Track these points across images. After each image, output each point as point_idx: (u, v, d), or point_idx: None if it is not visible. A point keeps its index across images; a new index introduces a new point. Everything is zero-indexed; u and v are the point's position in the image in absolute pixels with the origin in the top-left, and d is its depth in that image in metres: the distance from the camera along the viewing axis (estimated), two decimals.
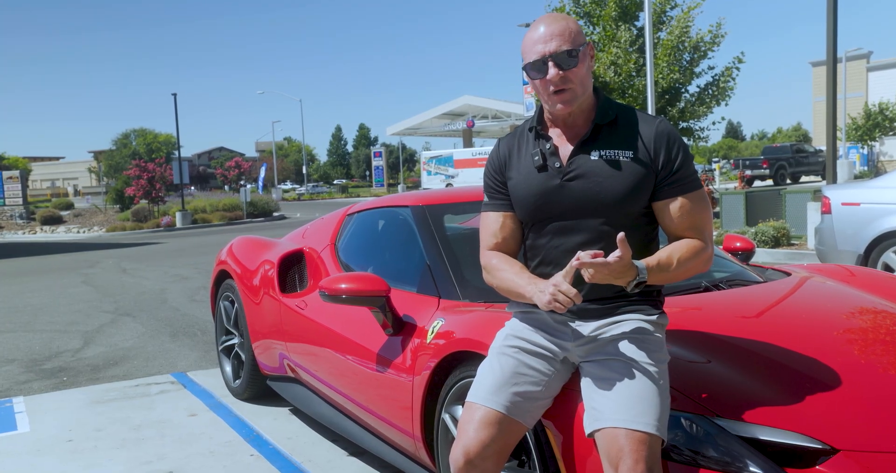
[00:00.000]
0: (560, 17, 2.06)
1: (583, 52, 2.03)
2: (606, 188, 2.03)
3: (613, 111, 2.10)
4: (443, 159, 41.20)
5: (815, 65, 50.70)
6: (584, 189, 2.05)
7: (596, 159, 2.05)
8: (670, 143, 2.05)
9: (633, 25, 16.58)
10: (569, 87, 2.02)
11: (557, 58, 2.00)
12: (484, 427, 2.00)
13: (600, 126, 2.08)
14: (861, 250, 6.88)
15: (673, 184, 2.05)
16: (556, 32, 2.01)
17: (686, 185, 2.06)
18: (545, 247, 2.13)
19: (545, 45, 2.01)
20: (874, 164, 36.96)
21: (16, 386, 5.21)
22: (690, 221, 2.07)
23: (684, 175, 2.06)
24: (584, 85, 2.05)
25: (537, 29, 2.04)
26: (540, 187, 2.09)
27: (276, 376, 4.18)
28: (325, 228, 4.25)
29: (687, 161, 2.08)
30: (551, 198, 2.08)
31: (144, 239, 21.54)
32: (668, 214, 2.07)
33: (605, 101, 2.12)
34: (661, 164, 2.04)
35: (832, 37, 11.05)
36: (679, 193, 2.06)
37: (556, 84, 2.01)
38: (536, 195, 2.10)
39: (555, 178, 2.08)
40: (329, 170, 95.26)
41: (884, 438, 1.95)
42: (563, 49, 2.00)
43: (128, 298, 9.24)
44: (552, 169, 2.09)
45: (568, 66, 2.01)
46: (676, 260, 2.00)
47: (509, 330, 2.18)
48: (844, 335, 2.52)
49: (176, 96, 28.15)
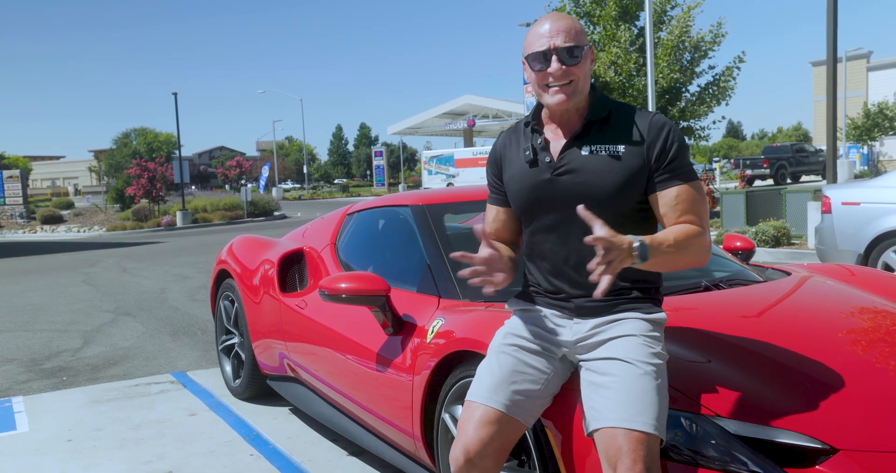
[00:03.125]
0: (564, 15, 2.10)
1: (585, 51, 2.07)
2: (597, 183, 2.04)
3: (607, 108, 2.12)
4: (444, 158, 41.17)
5: (816, 64, 50.71)
6: (575, 184, 2.06)
7: (587, 154, 2.07)
8: (665, 133, 2.05)
9: (633, 25, 16.59)
10: (570, 82, 2.05)
11: (562, 52, 2.03)
12: (484, 425, 2.00)
13: (593, 122, 2.10)
14: (861, 249, 6.88)
15: (669, 173, 2.04)
16: (562, 28, 2.05)
17: (682, 175, 2.05)
18: (539, 242, 2.16)
19: (551, 39, 2.04)
20: (874, 164, 36.93)
21: (15, 385, 5.21)
22: (687, 209, 2.02)
23: (680, 165, 2.05)
24: (585, 82, 2.08)
25: (543, 24, 2.08)
26: (531, 181, 2.12)
27: (276, 375, 4.18)
28: (325, 228, 4.25)
29: (682, 151, 2.06)
30: (542, 192, 2.11)
31: (145, 239, 21.54)
32: (665, 203, 2.04)
33: (599, 99, 2.14)
34: (655, 154, 2.04)
35: (832, 36, 11.05)
36: (675, 182, 2.03)
37: (556, 77, 2.04)
38: (527, 189, 2.13)
39: (545, 173, 2.10)
40: (330, 170, 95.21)
41: (884, 438, 1.95)
42: (568, 45, 2.03)
43: (128, 298, 9.24)
44: (542, 163, 2.11)
45: (571, 62, 2.04)
46: (674, 238, 1.92)
47: (508, 329, 2.18)
48: (844, 334, 2.52)
49: (177, 95, 28.16)
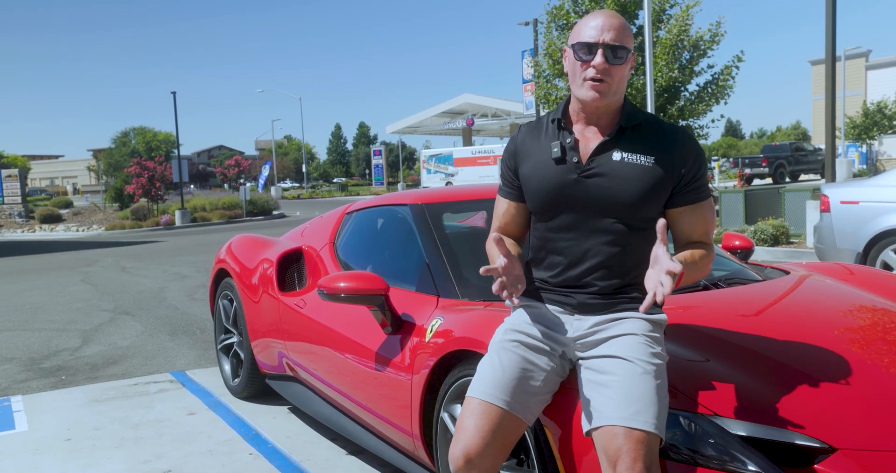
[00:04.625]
0: (619, 15, 2.10)
1: (629, 55, 2.07)
2: (624, 189, 2.06)
3: (639, 117, 2.14)
4: (442, 157, 41.14)
5: (815, 63, 50.71)
6: (602, 188, 2.07)
7: (618, 160, 2.08)
8: (695, 151, 2.11)
9: (632, 24, 16.57)
10: (608, 80, 2.04)
11: (609, 49, 2.03)
12: (484, 422, 2.00)
13: (625, 128, 2.11)
14: (860, 248, 6.88)
15: (692, 191, 2.11)
16: (616, 26, 2.05)
17: (703, 193, 2.14)
18: (551, 239, 2.16)
19: (602, 33, 2.04)
20: (873, 163, 36.93)
21: (14, 384, 5.21)
22: (705, 228, 2.15)
23: (702, 184, 2.13)
24: (620, 85, 2.08)
25: (597, 17, 2.07)
26: (556, 179, 2.11)
27: (275, 375, 4.18)
28: (324, 227, 4.25)
29: (704, 170, 2.14)
30: (566, 191, 2.10)
31: (143, 238, 21.53)
32: (686, 220, 2.13)
33: (634, 108, 2.16)
34: (683, 171, 2.09)
35: (831, 35, 11.05)
36: (698, 199, 2.13)
37: (599, 71, 2.03)
38: (551, 187, 2.12)
39: (572, 173, 2.10)
40: (329, 169, 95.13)
41: (882, 437, 1.95)
42: (616, 43, 2.03)
43: (127, 297, 9.24)
44: (570, 163, 2.11)
45: (614, 62, 2.04)
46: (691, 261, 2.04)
47: (509, 325, 2.18)
48: (843, 333, 2.52)
49: (175, 94, 28.12)
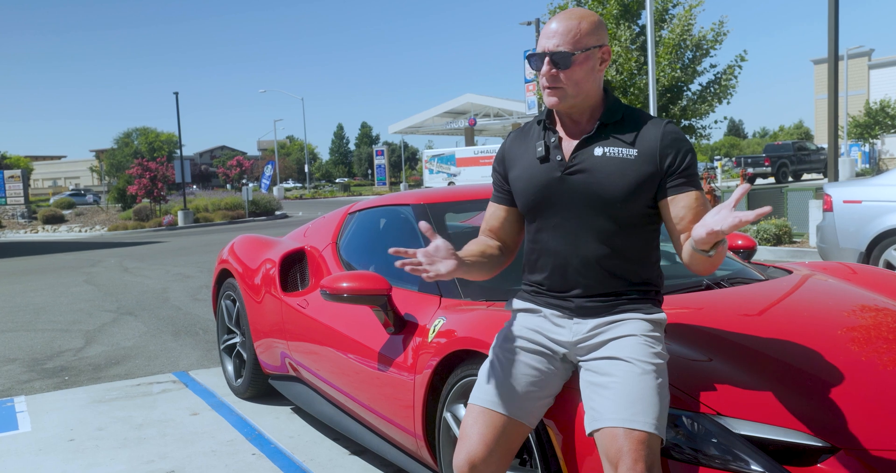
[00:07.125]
0: (575, 15, 2.05)
1: (583, 55, 2.02)
2: (608, 185, 2.04)
3: (620, 111, 2.11)
4: (445, 157, 41.17)
5: (817, 62, 50.69)
6: (586, 183, 2.06)
7: (600, 155, 2.06)
8: (680, 142, 2.06)
9: (634, 24, 16.56)
10: (558, 86, 2.04)
11: (553, 56, 2.02)
12: (487, 430, 2.00)
13: (605, 124, 2.09)
14: (863, 248, 6.86)
15: (684, 178, 2.05)
16: (560, 31, 2.03)
17: (693, 181, 2.06)
18: (541, 240, 2.15)
19: (547, 41, 2.04)
20: (876, 162, 36.89)
21: (17, 385, 5.22)
22: (702, 213, 2.02)
23: (691, 173, 2.07)
24: (578, 86, 2.04)
25: (550, 24, 2.07)
26: (541, 178, 2.11)
27: (278, 375, 4.18)
28: (326, 227, 4.25)
29: (693, 162, 2.09)
30: (551, 190, 2.10)
31: (146, 238, 21.55)
32: (682, 207, 2.04)
33: (615, 102, 2.13)
34: (669, 162, 2.04)
35: (834, 34, 11.03)
36: (689, 188, 2.04)
37: (548, 80, 2.04)
38: (537, 186, 2.12)
39: (556, 171, 2.09)
40: (331, 169, 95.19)
41: (885, 436, 1.95)
42: (560, 49, 2.01)
43: (129, 297, 9.25)
44: (554, 161, 2.10)
45: (561, 67, 2.02)
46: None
47: (508, 330, 2.18)
48: (846, 333, 2.52)
49: (178, 95, 28.19)
